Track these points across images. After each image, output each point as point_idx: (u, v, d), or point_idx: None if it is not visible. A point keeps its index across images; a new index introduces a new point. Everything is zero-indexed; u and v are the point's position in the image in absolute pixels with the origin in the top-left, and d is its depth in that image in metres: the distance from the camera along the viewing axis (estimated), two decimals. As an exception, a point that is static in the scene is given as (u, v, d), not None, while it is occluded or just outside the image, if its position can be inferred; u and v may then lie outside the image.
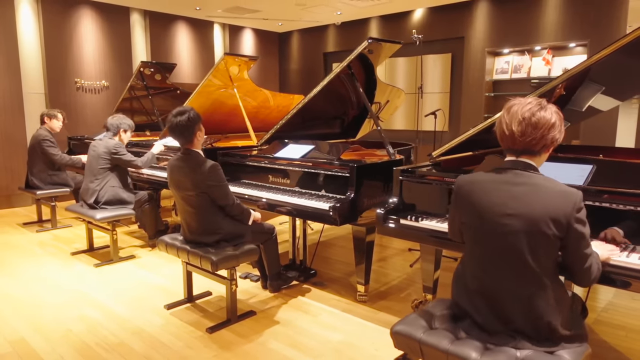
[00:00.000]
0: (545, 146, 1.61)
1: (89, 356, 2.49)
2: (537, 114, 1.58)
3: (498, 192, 1.61)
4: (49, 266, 3.91)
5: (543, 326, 1.58)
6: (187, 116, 2.71)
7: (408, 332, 1.75)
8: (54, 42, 6.47)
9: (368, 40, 3.23)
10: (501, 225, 1.58)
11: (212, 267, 2.66)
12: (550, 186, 1.56)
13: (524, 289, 1.58)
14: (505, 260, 1.60)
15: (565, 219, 1.51)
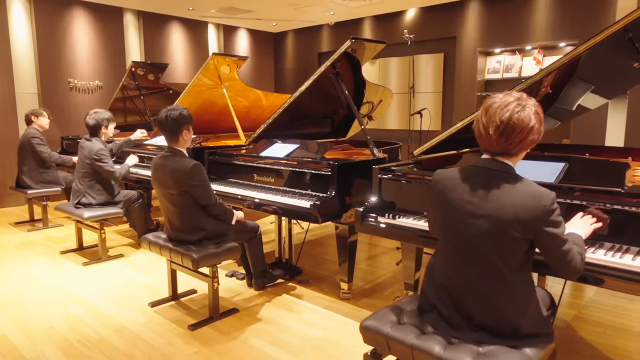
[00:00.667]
0: (522, 148, 1.59)
1: (70, 353, 2.52)
2: (515, 116, 1.52)
3: (470, 192, 1.61)
4: (38, 265, 3.94)
5: (506, 324, 1.60)
6: (179, 112, 2.75)
7: (376, 327, 1.78)
8: (46, 42, 6.50)
9: (351, 39, 3.25)
10: (470, 225, 1.59)
11: (193, 265, 2.68)
12: (522, 188, 1.54)
13: (488, 287, 1.60)
14: (472, 259, 1.62)
15: (534, 223, 1.50)
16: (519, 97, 1.57)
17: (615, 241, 1.92)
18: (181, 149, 2.84)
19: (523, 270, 1.61)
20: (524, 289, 1.62)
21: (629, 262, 1.77)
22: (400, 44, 6.99)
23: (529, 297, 1.63)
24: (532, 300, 1.64)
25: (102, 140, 4.07)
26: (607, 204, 1.93)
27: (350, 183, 3.01)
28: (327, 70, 3.47)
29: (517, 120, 1.52)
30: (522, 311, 1.60)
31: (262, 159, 3.49)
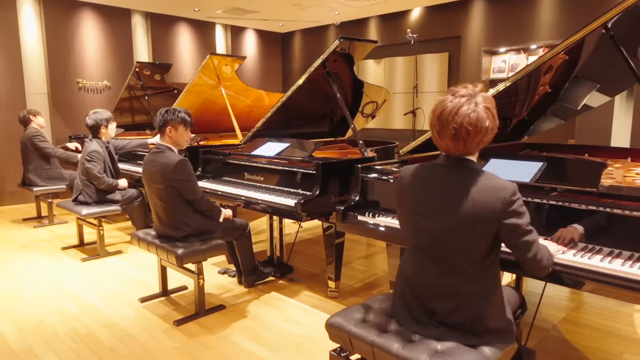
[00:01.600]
0: (480, 146, 1.58)
1: (56, 346, 2.59)
2: (467, 120, 1.49)
3: (432, 189, 1.61)
4: (39, 260, 4.04)
5: (468, 320, 1.59)
6: (165, 111, 2.88)
7: (340, 324, 1.79)
8: (56, 43, 6.66)
9: (339, 39, 3.26)
10: (432, 221, 1.59)
11: (177, 261, 2.73)
12: (482, 183, 1.53)
13: (451, 283, 1.60)
14: (435, 255, 1.62)
15: (494, 216, 1.49)
16: (469, 95, 1.53)
17: (588, 242, 1.89)
18: (169, 145, 2.90)
19: (487, 266, 1.59)
20: (487, 285, 1.60)
21: (596, 263, 1.75)
22: (405, 43, 6.97)
23: (492, 294, 1.61)
24: (495, 297, 1.62)
25: (102, 141, 4.16)
26: (581, 204, 1.91)
27: (336, 182, 3.02)
28: (317, 70, 3.49)
29: (470, 124, 1.50)
30: (484, 308, 1.59)
31: (251, 158, 3.53)
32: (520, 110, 3.72)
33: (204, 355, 2.48)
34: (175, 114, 2.87)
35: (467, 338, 1.60)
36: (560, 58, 3.32)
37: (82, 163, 4.05)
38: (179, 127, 2.91)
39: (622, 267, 1.70)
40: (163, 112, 2.89)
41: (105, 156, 4.13)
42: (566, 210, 1.95)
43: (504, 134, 3.82)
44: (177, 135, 2.91)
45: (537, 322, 2.83)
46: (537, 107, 3.76)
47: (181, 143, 2.97)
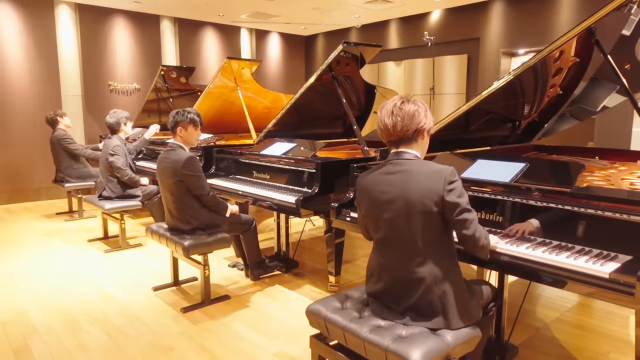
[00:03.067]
0: (417, 131, 1.77)
1: (73, 327, 2.84)
2: (401, 106, 1.76)
3: (382, 182, 1.80)
4: (66, 251, 4.36)
5: (427, 301, 1.72)
6: (176, 112, 3.08)
7: (317, 310, 1.93)
8: (90, 49, 7.07)
9: (343, 44, 3.40)
10: (386, 211, 1.76)
11: (184, 252, 2.93)
12: (423, 169, 1.73)
13: (409, 268, 1.73)
14: (393, 242, 1.77)
15: (437, 195, 1.67)
16: (403, 97, 1.80)
17: (558, 239, 1.96)
18: (180, 144, 3.11)
19: (442, 249, 1.74)
20: (443, 268, 1.73)
21: (563, 260, 1.82)
22: (424, 45, 7.03)
23: (449, 276, 1.74)
24: (453, 280, 1.74)
25: (121, 137, 4.45)
26: (553, 203, 1.98)
27: (336, 180, 3.16)
28: (325, 74, 3.63)
29: (405, 108, 1.77)
30: (442, 289, 1.72)
31: (258, 157, 3.70)
32: (530, 112, 3.75)
33: (204, 339, 2.67)
34: (184, 115, 3.08)
35: (431, 321, 1.73)
36: (570, 60, 3.36)
37: (105, 159, 4.35)
38: (189, 127, 3.11)
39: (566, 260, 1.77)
40: (174, 113, 3.10)
41: (125, 151, 4.42)
42: (537, 209, 2.03)
43: (513, 135, 3.86)
44: (187, 134, 3.12)
45: (530, 321, 2.89)
46: (548, 109, 3.78)
47: (191, 142, 3.18)
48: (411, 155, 1.80)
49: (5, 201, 6.55)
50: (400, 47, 7.92)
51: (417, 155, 1.81)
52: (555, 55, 3.15)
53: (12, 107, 6.51)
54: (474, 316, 1.78)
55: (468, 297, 1.78)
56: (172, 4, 7.00)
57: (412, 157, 1.79)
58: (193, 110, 3.14)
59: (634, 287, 1.60)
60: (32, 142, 6.66)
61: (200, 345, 2.60)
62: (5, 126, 6.47)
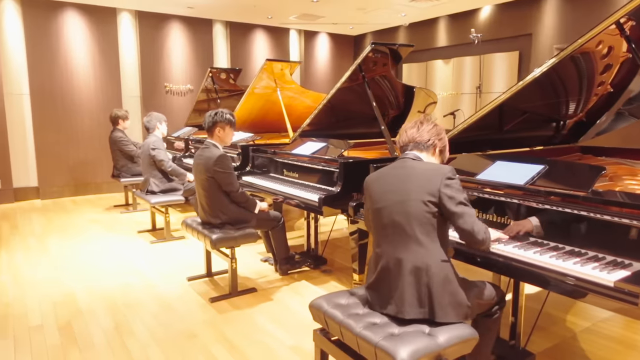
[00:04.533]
0: (430, 141, 1.92)
1: (113, 309, 3.09)
2: (422, 122, 1.97)
3: (385, 178, 1.90)
4: (117, 241, 4.71)
5: (415, 293, 1.75)
6: (215, 113, 3.27)
7: (319, 305, 2.00)
8: (148, 53, 7.53)
9: (371, 45, 3.42)
10: (385, 200, 1.84)
11: (212, 245, 3.10)
12: (425, 166, 1.84)
13: (403, 257, 1.78)
14: (390, 232, 1.82)
15: (435, 188, 1.75)
16: (424, 118, 1.99)
17: (571, 244, 1.90)
18: (215, 143, 3.28)
19: (435, 244, 1.77)
20: (436, 261, 1.76)
21: (567, 266, 1.76)
22: (466, 44, 6.84)
23: (440, 272, 1.75)
24: (443, 276, 1.76)
25: (158, 136, 4.77)
26: (566, 207, 1.91)
27: (360, 180, 3.18)
28: (355, 75, 3.67)
29: (422, 123, 1.97)
30: (431, 284, 1.74)
31: (287, 156, 3.81)
32: (575, 111, 3.59)
33: (226, 328, 2.82)
34: (223, 115, 3.25)
35: (417, 311, 1.76)
36: (621, 56, 3.19)
37: (147, 155, 4.67)
38: (226, 127, 3.28)
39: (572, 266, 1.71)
40: (212, 114, 3.27)
41: (164, 146, 4.73)
42: (549, 213, 1.97)
43: (558, 136, 3.71)
44: (225, 134, 3.29)
45: (557, 329, 2.78)
46: (598, 108, 3.60)
47: (227, 141, 3.34)
48: (416, 157, 1.92)
49: (72, 193, 7.14)
50: (449, 45, 7.75)
51: (422, 158, 1.92)
52: (602, 51, 3.01)
53: (79, 108, 7.09)
54: (466, 313, 1.78)
55: (460, 292, 1.78)
56: (222, 9, 7.30)
57: (417, 158, 1.91)
58: (228, 111, 3.31)
59: (637, 297, 1.53)
60: (96, 140, 7.22)
61: (222, 334, 2.74)
62: (74, 125, 7.05)
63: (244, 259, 4.08)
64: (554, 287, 1.79)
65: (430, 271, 1.75)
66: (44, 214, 5.92)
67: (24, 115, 6.72)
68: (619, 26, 2.41)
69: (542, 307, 2.64)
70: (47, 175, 6.88)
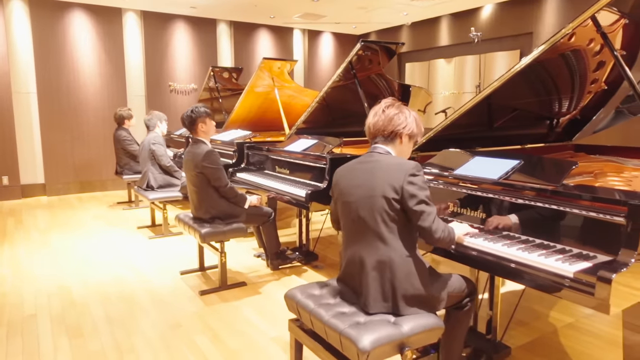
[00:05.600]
0: (394, 132, 1.90)
1: (105, 301, 3.18)
2: (384, 110, 1.91)
3: (353, 172, 1.92)
4: (116, 236, 4.81)
5: (385, 285, 1.79)
6: (191, 111, 3.30)
7: (292, 295, 2.05)
8: (152, 52, 7.66)
9: (360, 43, 3.46)
10: (351, 195, 1.87)
11: (201, 239, 3.17)
12: (390, 161, 1.85)
13: (369, 250, 1.81)
14: (357, 227, 1.86)
15: (398, 184, 1.77)
16: (394, 102, 1.94)
17: (538, 236, 1.92)
18: (202, 139, 3.35)
19: (401, 238, 1.80)
20: (400, 258, 1.78)
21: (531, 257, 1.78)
22: (465, 43, 6.83)
23: (406, 267, 1.79)
24: (409, 270, 1.79)
25: (158, 133, 4.87)
26: (535, 201, 1.94)
27: (347, 176, 3.23)
28: (346, 73, 3.71)
29: (384, 111, 1.92)
30: (395, 278, 1.77)
31: (279, 152, 3.87)
32: (568, 109, 3.60)
33: (212, 319, 2.88)
34: (198, 110, 3.31)
35: (386, 306, 1.79)
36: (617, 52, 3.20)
37: (147, 150, 4.76)
38: (207, 119, 3.34)
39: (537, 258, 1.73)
40: (189, 113, 3.32)
41: (164, 143, 4.83)
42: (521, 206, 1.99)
43: (552, 133, 3.71)
44: (207, 127, 3.35)
45: (539, 324, 2.80)
46: (592, 106, 3.61)
47: (211, 133, 3.41)
48: (383, 151, 1.92)
49: (78, 190, 7.29)
50: (451, 44, 7.75)
51: (389, 151, 1.92)
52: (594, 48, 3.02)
53: (85, 106, 7.23)
54: (433, 306, 1.81)
55: (426, 286, 1.81)
56: (224, 8, 7.39)
57: (384, 152, 1.92)
58: (201, 105, 3.38)
59: (594, 287, 1.56)
60: (101, 138, 7.36)
61: (207, 325, 2.81)
62: (80, 124, 7.20)
63: (238, 254, 4.15)
64: (521, 280, 1.81)
65: (394, 267, 1.77)
66: (49, 210, 6.06)
67: (31, 114, 6.88)
68: (595, 22, 2.42)
69: (518, 301, 2.66)
70: (54, 173, 7.03)
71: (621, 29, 3.17)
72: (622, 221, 1.63)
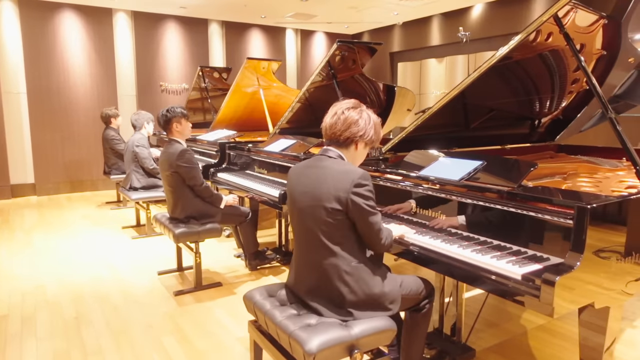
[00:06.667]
0: (349, 139, 1.83)
1: (79, 301, 3.18)
2: (344, 112, 1.83)
3: (300, 175, 1.88)
4: (100, 236, 4.81)
5: (334, 295, 1.77)
6: (166, 110, 3.29)
7: (251, 296, 2.04)
8: (143, 52, 7.66)
9: (337, 43, 3.45)
10: (297, 201, 1.84)
11: (174, 239, 3.16)
12: (337, 167, 1.78)
13: (315, 258, 1.80)
14: (303, 233, 1.84)
15: (344, 194, 1.72)
16: (356, 104, 1.87)
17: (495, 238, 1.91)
18: (177, 139, 3.34)
19: (349, 245, 1.77)
20: (348, 264, 1.76)
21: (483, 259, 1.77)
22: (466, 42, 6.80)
23: (355, 273, 1.76)
24: (359, 277, 1.77)
25: (144, 134, 4.86)
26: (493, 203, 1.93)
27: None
28: (323, 73, 3.70)
29: (347, 114, 1.83)
30: (345, 286, 1.75)
31: (257, 153, 3.86)
32: (550, 110, 3.58)
33: (183, 320, 2.88)
34: (174, 111, 3.30)
35: (338, 312, 1.78)
36: (594, 53, 3.19)
37: (131, 152, 4.76)
38: (182, 120, 3.33)
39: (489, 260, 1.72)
40: (164, 112, 3.30)
41: (148, 145, 4.82)
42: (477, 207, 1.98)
43: (535, 134, 3.70)
44: (182, 128, 3.34)
45: (510, 326, 2.78)
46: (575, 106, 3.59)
47: (187, 134, 3.39)
48: (335, 154, 1.86)
49: (69, 190, 7.30)
50: (442, 43, 7.73)
51: (341, 156, 1.86)
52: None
53: (76, 106, 7.24)
54: (385, 308, 1.80)
55: (377, 291, 1.79)
56: (214, 8, 7.39)
57: (335, 156, 1.85)
58: (178, 106, 3.37)
59: (539, 290, 1.54)
60: (92, 138, 7.36)
61: (176, 325, 2.81)
62: (70, 124, 7.21)
63: (219, 254, 4.15)
64: (475, 282, 1.80)
65: (342, 276, 1.75)
66: (37, 210, 6.07)
67: (21, 114, 6.90)
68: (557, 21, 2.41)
69: (483, 303, 2.64)
70: (44, 173, 7.05)
71: (601, 30, 3.16)
72: (570, 224, 1.62)
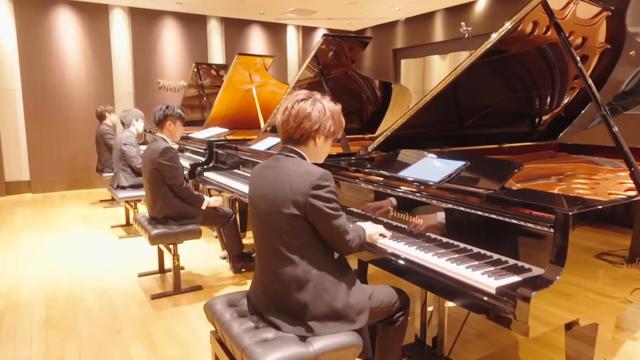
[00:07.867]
0: (304, 135, 1.67)
1: (51, 303, 3.07)
2: (294, 106, 1.66)
3: (260, 176, 1.73)
4: (87, 234, 4.72)
5: (294, 307, 1.62)
6: (165, 108, 3.20)
7: (211, 305, 1.90)
8: (140, 49, 7.57)
9: (323, 37, 3.30)
10: (255, 205, 1.70)
11: (150, 241, 3.04)
12: (296, 168, 1.62)
13: (275, 268, 1.65)
14: (262, 239, 1.70)
15: (302, 198, 1.56)
16: (310, 94, 1.69)
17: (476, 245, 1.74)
18: (164, 137, 3.22)
19: (311, 253, 1.62)
20: (310, 274, 1.61)
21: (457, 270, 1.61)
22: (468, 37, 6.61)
23: (318, 283, 1.61)
24: (323, 287, 1.61)
25: (133, 132, 4.74)
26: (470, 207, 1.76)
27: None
28: (310, 69, 3.55)
29: (298, 107, 1.66)
30: (306, 298, 1.60)
31: (242, 151, 3.72)
32: (551, 107, 3.41)
33: (155, 326, 2.75)
34: (174, 109, 3.19)
35: (298, 326, 1.62)
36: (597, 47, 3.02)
37: (119, 149, 4.65)
38: (177, 121, 3.22)
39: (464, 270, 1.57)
40: (164, 107, 3.22)
41: (137, 143, 4.70)
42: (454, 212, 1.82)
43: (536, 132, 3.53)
44: (175, 128, 3.23)
45: (499, 337, 2.62)
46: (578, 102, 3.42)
47: (177, 135, 3.28)
48: (294, 154, 1.70)
49: (65, 188, 7.24)
50: (446, 39, 7.53)
51: (301, 154, 1.70)
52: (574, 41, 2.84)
53: (71, 103, 7.17)
54: (351, 322, 1.64)
55: (341, 302, 1.63)
56: (212, 4, 7.27)
57: (293, 154, 1.69)
58: (178, 106, 3.26)
59: (515, 307, 1.38)
60: (87, 135, 7.26)
61: (147, 331, 2.68)
62: (65, 121, 7.15)
63: (204, 255, 4.03)
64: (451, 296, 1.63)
65: (302, 285, 1.60)
66: (30, 208, 6.01)
67: (16, 111, 6.84)
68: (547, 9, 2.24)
69: (468, 313, 2.47)
70: (39, 170, 6.99)
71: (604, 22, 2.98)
72: (550, 232, 1.45)
